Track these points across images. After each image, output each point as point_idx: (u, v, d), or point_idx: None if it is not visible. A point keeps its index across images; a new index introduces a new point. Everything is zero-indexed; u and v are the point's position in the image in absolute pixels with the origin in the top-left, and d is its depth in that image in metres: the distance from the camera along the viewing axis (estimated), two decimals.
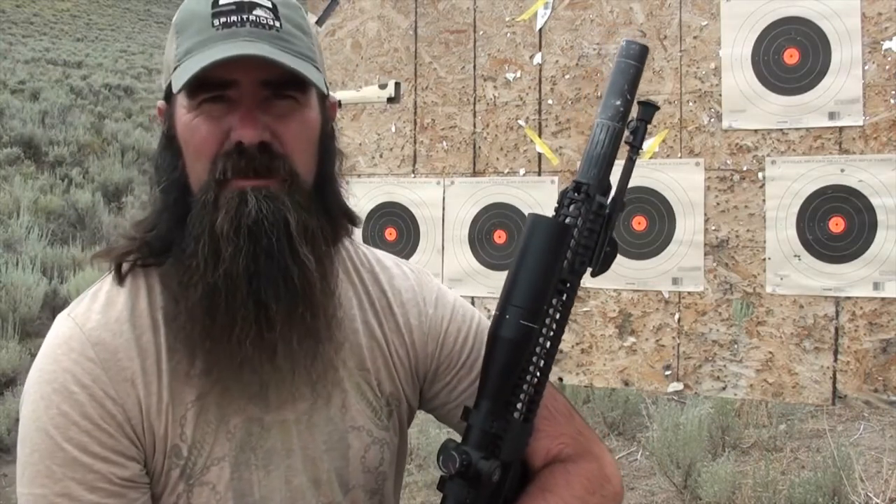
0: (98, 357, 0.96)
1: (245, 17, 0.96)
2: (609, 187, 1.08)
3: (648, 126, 1.10)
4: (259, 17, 0.97)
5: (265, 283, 0.95)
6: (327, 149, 1.06)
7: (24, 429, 0.97)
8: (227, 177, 0.96)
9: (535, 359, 1.04)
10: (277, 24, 0.98)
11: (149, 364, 0.98)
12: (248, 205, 0.94)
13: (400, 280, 1.18)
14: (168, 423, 0.98)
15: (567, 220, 1.05)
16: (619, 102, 1.08)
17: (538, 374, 1.05)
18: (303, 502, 1.05)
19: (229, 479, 1.00)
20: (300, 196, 0.99)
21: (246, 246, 0.94)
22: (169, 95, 1.01)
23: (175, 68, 0.98)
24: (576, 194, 1.06)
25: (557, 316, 1.05)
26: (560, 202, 1.07)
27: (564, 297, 1.05)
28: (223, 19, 0.96)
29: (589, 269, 1.07)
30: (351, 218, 1.11)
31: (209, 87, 0.96)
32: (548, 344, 1.05)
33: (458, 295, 1.26)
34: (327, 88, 1.05)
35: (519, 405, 1.04)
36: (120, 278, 1.02)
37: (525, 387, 1.04)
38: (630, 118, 1.09)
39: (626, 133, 1.09)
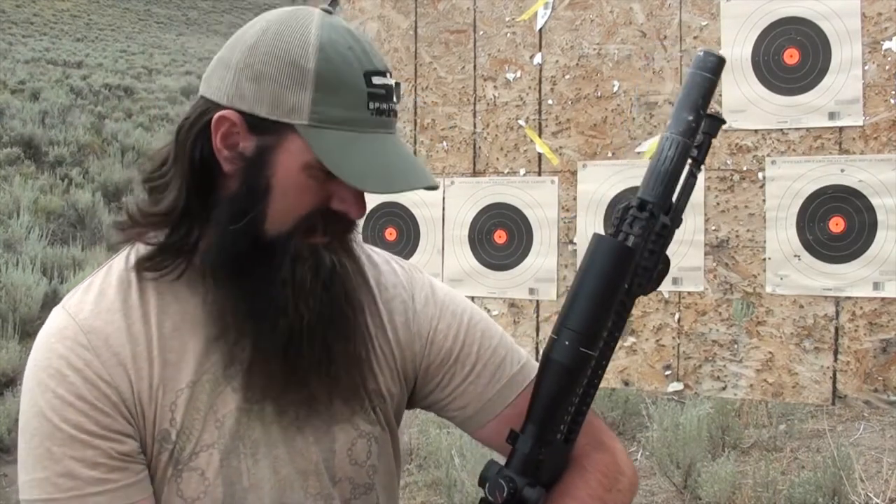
0: (90, 343, 0.99)
1: (392, 106, 0.98)
2: (671, 206, 1.04)
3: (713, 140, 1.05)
4: (394, 105, 0.98)
5: (330, 328, 1.01)
6: None
7: (24, 417, 1.00)
8: (314, 233, 1.00)
9: (585, 383, 1.01)
10: (396, 108, 0.99)
11: (139, 350, 1.01)
12: (325, 260, 1.00)
13: (388, 277, 1.17)
14: (157, 408, 1.01)
15: (630, 242, 1.01)
16: (691, 118, 1.02)
17: (587, 398, 1.03)
18: (291, 492, 1.06)
19: (219, 467, 1.02)
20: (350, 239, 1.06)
21: (322, 295, 0.99)
22: (256, 120, 0.95)
23: (312, 125, 0.94)
24: (640, 213, 1.02)
25: (610, 340, 1.03)
26: (621, 218, 1.02)
27: (618, 319, 1.02)
28: (377, 105, 0.96)
29: None
30: None
31: None
32: (598, 370, 1.02)
33: (452, 289, 1.25)
34: None
35: (562, 427, 1.02)
36: (130, 246, 1.04)
37: (571, 410, 1.02)
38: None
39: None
